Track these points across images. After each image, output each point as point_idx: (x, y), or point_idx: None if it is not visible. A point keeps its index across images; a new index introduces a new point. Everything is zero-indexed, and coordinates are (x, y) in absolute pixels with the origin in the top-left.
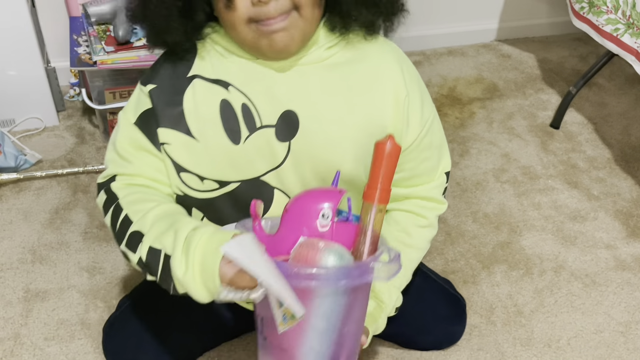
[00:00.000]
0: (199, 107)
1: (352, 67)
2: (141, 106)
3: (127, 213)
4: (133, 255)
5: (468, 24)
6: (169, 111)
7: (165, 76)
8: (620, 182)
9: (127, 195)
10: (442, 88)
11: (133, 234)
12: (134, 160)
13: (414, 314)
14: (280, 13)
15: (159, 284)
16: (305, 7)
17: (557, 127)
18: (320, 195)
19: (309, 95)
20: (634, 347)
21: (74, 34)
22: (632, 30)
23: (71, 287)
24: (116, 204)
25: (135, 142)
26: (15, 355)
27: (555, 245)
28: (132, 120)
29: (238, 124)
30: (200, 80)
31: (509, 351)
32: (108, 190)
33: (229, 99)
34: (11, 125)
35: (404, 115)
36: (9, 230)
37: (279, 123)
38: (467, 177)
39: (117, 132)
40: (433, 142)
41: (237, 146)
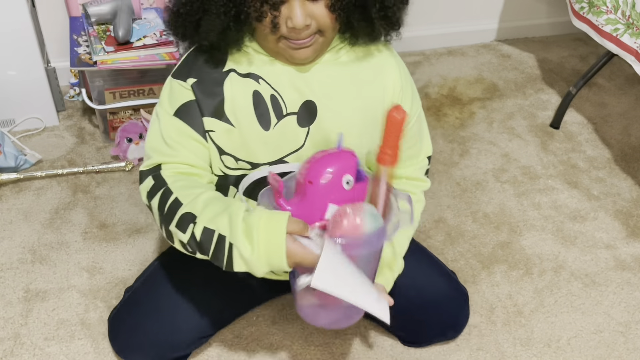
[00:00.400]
0: (235, 97)
1: (359, 64)
2: (178, 99)
3: (177, 196)
4: (182, 235)
5: (468, 24)
6: (210, 101)
7: (203, 70)
8: (620, 182)
9: (176, 182)
10: (442, 88)
11: (184, 216)
12: (179, 148)
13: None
14: (307, 37)
15: (211, 260)
16: (328, 31)
17: (557, 127)
18: (336, 161)
19: (325, 88)
20: (633, 347)
21: (74, 34)
22: (631, 31)
23: (71, 287)
24: (165, 189)
25: (179, 130)
26: (15, 355)
27: (555, 245)
28: (171, 112)
29: (268, 112)
30: (234, 74)
31: (509, 351)
32: (157, 177)
33: (260, 91)
34: (11, 125)
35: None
36: (9, 230)
37: (300, 111)
38: (467, 177)
39: (158, 124)
40: (419, 130)
41: (267, 132)
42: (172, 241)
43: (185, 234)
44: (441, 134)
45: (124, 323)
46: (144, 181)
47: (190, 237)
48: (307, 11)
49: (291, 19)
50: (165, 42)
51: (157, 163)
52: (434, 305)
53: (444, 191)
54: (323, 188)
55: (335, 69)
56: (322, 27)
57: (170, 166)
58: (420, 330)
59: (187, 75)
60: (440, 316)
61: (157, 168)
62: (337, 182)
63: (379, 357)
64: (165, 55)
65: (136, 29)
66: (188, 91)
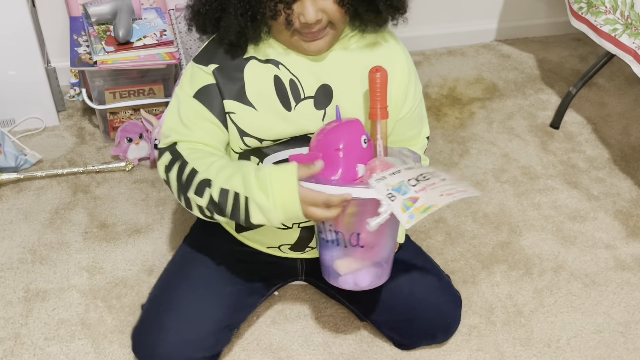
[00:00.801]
0: (257, 82)
1: (369, 52)
2: (199, 82)
3: (194, 166)
4: (201, 200)
5: (468, 24)
6: (232, 86)
7: (224, 57)
8: (620, 182)
9: (191, 154)
10: (442, 88)
11: (201, 182)
12: (195, 129)
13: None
14: (319, 29)
15: (230, 218)
16: (338, 24)
17: (557, 127)
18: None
19: (339, 73)
20: (633, 347)
21: (74, 34)
22: (630, 31)
23: (71, 287)
24: (182, 161)
25: (197, 112)
26: (15, 355)
27: (555, 245)
28: (190, 94)
29: (288, 96)
30: (255, 61)
31: (509, 351)
32: (173, 151)
33: (280, 75)
34: (11, 125)
35: (404, 89)
36: (9, 230)
37: (317, 94)
38: (467, 177)
39: (178, 104)
40: (420, 114)
41: (290, 112)
42: (190, 208)
43: (203, 199)
44: (441, 134)
45: (147, 333)
46: (161, 157)
47: (208, 201)
48: (317, 7)
49: (303, 15)
50: (165, 42)
51: (173, 141)
52: (425, 307)
53: None
54: (351, 152)
55: (347, 56)
56: (333, 20)
57: (186, 143)
58: (410, 331)
59: (209, 61)
60: (431, 318)
61: (173, 145)
62: (358, 143)
63: (378, 357)
64: (165, 55)
65: (136, 29)
66: (209, 75)
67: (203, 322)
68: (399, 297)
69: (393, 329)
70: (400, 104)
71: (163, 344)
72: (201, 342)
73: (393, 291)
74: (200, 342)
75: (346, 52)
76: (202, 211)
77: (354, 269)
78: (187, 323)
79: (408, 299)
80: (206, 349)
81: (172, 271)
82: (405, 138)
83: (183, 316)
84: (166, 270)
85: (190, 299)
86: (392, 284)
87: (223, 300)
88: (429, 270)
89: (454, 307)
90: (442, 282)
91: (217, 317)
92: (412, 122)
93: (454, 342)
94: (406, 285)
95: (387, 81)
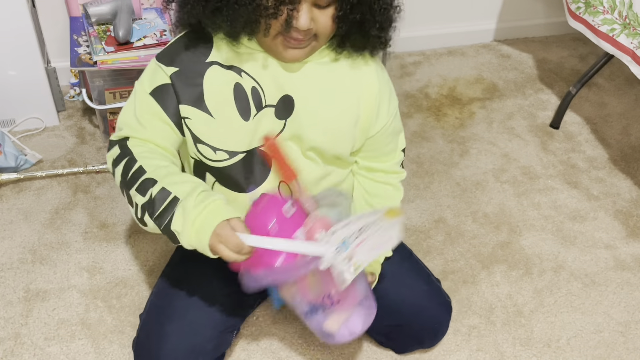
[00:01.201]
0: (216, 88)
1: (341, 69)
2: (157, 80)
3: (142, 165)
4: (141, 198)
5: (467, 24)
6: (190, 90)
7: (185, 60)
8: (620, 182)
9: (142, 152)
10: (442, 88)
11: (146, 180)
12: (148, 127)
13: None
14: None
15: (154, 220)
16: (323, 38)
17: (556, 127)
18: (268, 209)
19: (305, 85)
20: (633, 347)
21: (74, 34)
22: (628, 31)
23: (71, 287)
24: (130, 157)
25: (151, 110)
26: (15, 355)
27: (554, 245)
28: (147, 91)
29: (248, 103)
30: (217, 66)
31: (509, 351)
32: (123, 146)
33: (242, 83)
34: (11, 125)
35: (375, 109)
36: (10, 230)
37: (278, 104)
38: (467, 177)
39: (134, 98)
40: (395, 129)
41: (247, 122)
42: (131, 204)
43: (144, 197)
44: (441, 134)
45: (149, 342)
46: (111, 149)
47: (147, 199)
48: (312, 15)
49: (297, 19)
50: (165, 42)
51: (125, 136)
52: (412, 312)
53: (444, 191)
54: (282, 227)
55: (317, 69)
56: (320, 33)
57: (136, 140)
58: (398, 336)
59: (170, 63)
60: (418, 322)
61: (124, 139)
62: (283, 217)
63: (378, 358)
64: None
65: (136, 29)
66: (167, 77)
67: (203, 327)
68: (386, 302)
69: (381, 334)
70: (371, 122)
71: (165, 351)
72: (203, 347)
73: (380, 296)
74: (202, 346)
75: (317, 64)
76: (136, 210)
77: (343, 321)
78: (187, 328)
79: (395, 304)
80: (208, 353)
81: (168, 277)
82: (381, 154)
83: (183, 322)
84: (162, 276)
85: (189, 304)
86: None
87: (221, 303)
88: (417, 274)
89: (441, 312)
90: (430, 287)
91: (216, 321)
92: (387, 137)
93: (454, 342)
94: (393, 289)
95: (278, 147)
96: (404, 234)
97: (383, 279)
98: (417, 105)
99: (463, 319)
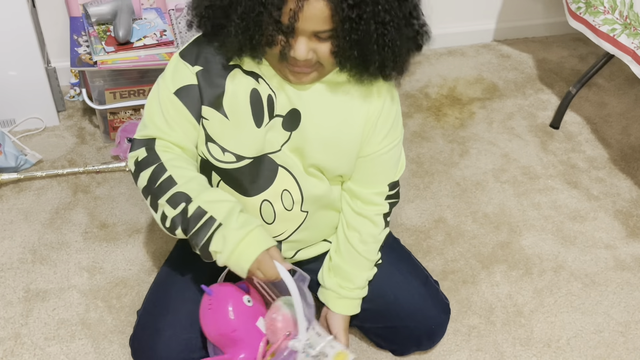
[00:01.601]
0: (235, 92)
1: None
2: (182, 79)
3: (172, 175)
4: (171, 210)
5: (467, 24)
6: (212, 91)
7: (210, 60)
8: (620, 182)
9: (170, 160)
10: (442, 88)
11: (178, 194)
12: (177, 128)
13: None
14: (306, 66)
15: (189, 236)
16: (327, 65)
17: (556, 127)
18: (226, 299)
19: (313, 102)
20: (633, 347)
21: (74, 34)
22: (629, 31)
23: (71, 287)
24: (159, 164)
25: (177, 109)
26: (15, 355)
27: (555, 245)
28: (172, 90)
29: (263, 110)
30: (238, 70)
31: (509, 351)
32: (150, 149)
33: (259, 89)
34: (11, 125)
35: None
36: (10, 230)
37: (287, 116)
38: (467, 177)
39: (158, 96)
40: (387, 162)
41: (259, 129)
42: (155, 210)
43: (175, 210)
44: (441, 134)
45: (144, 337)
46: (136, 149)
47: (179, 213)
48: (311, 46)
49: (294, 50)
50: (165, 42)
51: (152, 136)
52: (409, 313)
53: (444, 191)
54: (242, 320)
55: (328, 89)
56: (322, 62)
57: (163, 142)
58: (395, 338)
59: (195, 61)
60: (415, 324)
61: (151, 141)
62: (244, 306)
63: (378, 357)
64: (166, 56)
65: (136, 29)
66: (192, 76)
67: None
68: (383, 303)
69: (378, 336)
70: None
71: (160, 346)
72: (197, 341)
73: (377, 298)
74: (197, 341)
75: (329, 83)
76: (164, 219)
77: None
78: (182, 323)
79: (392, 305)
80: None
81: (164, 273)
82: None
83: (177, 317)
84: (159, 273)
85: (184, 300)
86: (376, 290)
87: None
88: (415, 276)
89: (438, 313)
90: (427, 288)
91: None
92: (376, 166)
93: (453, 342)
94: (390, 291)
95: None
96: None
97: (380, 280)
98: (417, 105)
99: (463, 319)
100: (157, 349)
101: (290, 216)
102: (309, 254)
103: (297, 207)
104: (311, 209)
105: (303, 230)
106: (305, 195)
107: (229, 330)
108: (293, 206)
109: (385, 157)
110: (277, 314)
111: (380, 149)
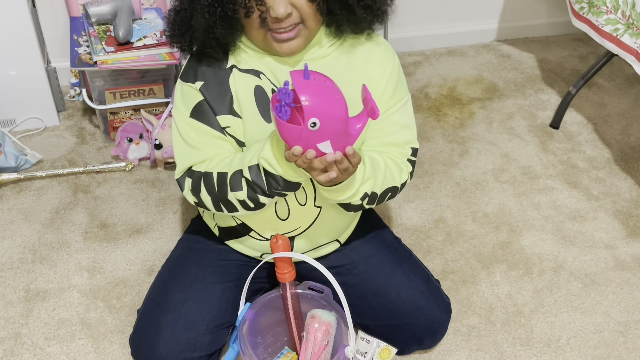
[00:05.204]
0: (239, 92)
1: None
2: (191, 100)
3: (218, 172)
4: (240, 193)
5: (468, 24)
6: (221, 100)
7: (208, 72)
8: (620, 182)
9: (208, 166)
10: (442, 88)
11: (232, 178)
12: (204, 147)
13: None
14: (291, 26)
15: (268, 191)
16: (310, 21)
17: (556, 127)
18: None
19: None
20: (633, 347)
21: (75, 34)
22: (631, 31)
23: (71, 287)
24: (203, 175)
25: (198, 130)
26: (15, 354)
27: (554, 245)
28: (186, 114)
29: (269, 105)
30: (237, 70)
31: (509, 351)
32: (191, 174)
33: (262, 85)
34: (12, 125)
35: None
36: (10, 230)
37: None
38: (467, 177)
39: (177, 129)
40: (399, 122)
41: (269, 124)
42: (235, 210)
43: (242, 190)
44: (441, 134)
45: (145, 336)
46: (183, 186)
47: (247, 187)
48: (288, 0)
49: (273, 9)
50: (165, 42)
51: (187, 166)
52: (411, 311)
53: (444, 191)
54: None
55: (327, 65)
56: (304, 16)
57: (198, 165)
58: (396, 335)
59: (195, 78)
60: (417, 322)
61: (188, 170)
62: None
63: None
64: (166, 56)
65: (136, 29)
66: (198, 92)
67: (198, 321)
68: (385, 301)
69: (380, 334)
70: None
71: (160, 345)
72: (198, 341)
73: (379, 296)
74: (197, 340)
75: (323, 60)
76: (244, 204)
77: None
78: (182, 323)
79: (394, 303)
80: (203, 348)
81: (166, 272)
82: (384, 143)
83: (178, 316)
84: (160, 272)
85: (184, 299)
86: (378, 288)
87: (216, 298)
88: (416, 274)
89: (440, 311)
90: (429, 287)
91: (211, 316)
92: (389, 127)
93: (453, 342)
94: (392, 289)
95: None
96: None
97: (382, 278)
98: (417, 105)
99: (463, 319)
100: (157, 348)
101: (304, 211)
102: (320, 254)
103: (310, 201)
104: (325, 204)
105: (316, 227)
106: (318, 188)
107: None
108: (307, 200)
109: (397, 115)
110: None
111: (390, 107)
